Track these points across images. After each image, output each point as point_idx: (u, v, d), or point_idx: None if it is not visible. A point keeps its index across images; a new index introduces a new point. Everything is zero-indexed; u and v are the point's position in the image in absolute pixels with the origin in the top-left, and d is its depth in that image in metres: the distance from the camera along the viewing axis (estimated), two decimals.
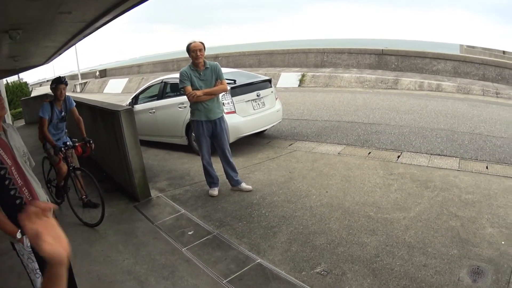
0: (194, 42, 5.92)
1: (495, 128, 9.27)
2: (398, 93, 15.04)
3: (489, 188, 5.77)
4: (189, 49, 5.92)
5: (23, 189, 2.95)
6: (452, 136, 8.61)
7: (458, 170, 6.57)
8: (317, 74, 18.52)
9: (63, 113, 5.98)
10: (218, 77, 5.98)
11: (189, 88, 5.90)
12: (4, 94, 20.13)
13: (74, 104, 6.16)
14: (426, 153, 7.53)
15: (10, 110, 21.94)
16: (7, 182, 2.84)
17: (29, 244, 2.89)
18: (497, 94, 14.19)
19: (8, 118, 19.45)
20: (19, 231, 2.76)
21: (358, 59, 19.35)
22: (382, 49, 19.18)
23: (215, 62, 6.08)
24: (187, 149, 9.11)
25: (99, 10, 7.43)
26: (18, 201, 2.91)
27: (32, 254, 2.94)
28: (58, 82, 5.80)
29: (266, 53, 23.34)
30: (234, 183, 6.39)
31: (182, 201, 6.26)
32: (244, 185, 6.37)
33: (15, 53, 12.13)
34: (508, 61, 16.41)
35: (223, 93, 6.72)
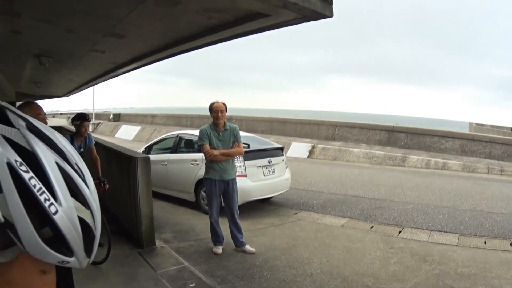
0: (217, 102, 6.13)
1: (496, 205, 9.43)
2: (405, 170, 15.24)
3: (485, 261, 5.88)
4: (211, 108, 6.14)
5: None
6: (454, 213, 8.70)
7: (456, 246, 6.64)
8: (327, 146, 18.75)
9: (81, 149, 6.10)
10: (236, 139, 6.17)
11: (207, 146, 6.06)
12: None
13: (94, 142, 6.32)
14: (427, 229, 7.59)
15: None
16: None
17: None
18: (501, 171, 14.52)
19: None
20: None
21: (368, 134, 19.55)
22: (393, 126, 19.54)
23: (235, 125, 6.30)
24: (194, 206, 9.10)
25: (130, 55, 7.88)
26: None
27: None
28: (83, 119, 5.92)
29: (279, 121, 23.66)
30: (239, 244, 6.39)
31: (186, 255, 6.23)
32: (248, 247, 6.36)
33: (39, 80, 12.53)
34: None
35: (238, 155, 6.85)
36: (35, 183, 0.65)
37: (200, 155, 7.89)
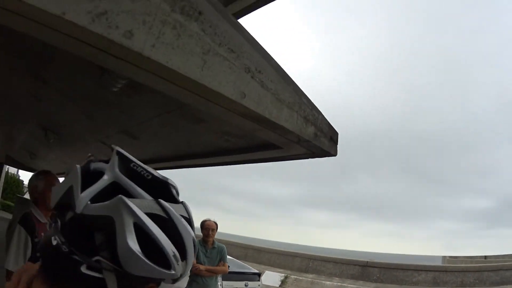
0: (209, 221, 6.39)
1: None
2: None
3: None
4: (202, 225, 6.43)
5: None
6: None
7: None
8: (300, 278, 19.31)
9: None
10: (222, 259, 6.42)
11: (193, 261, 6.06)
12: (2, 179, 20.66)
13: None
14: None
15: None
16: None
17: None
18: None
19: None
20: None
21: (342, 268, 20.62)
22: (367, 261, 20.54)
23: (223, 245, 6.56)
24: None
25: (139, 157, 7.96)
26: None
27: None
28: None
29: (254, 249, 24.62)
30: None
31: None
32: None
33: (36, 152, 12.46)
34: (487, 264, 18.10)
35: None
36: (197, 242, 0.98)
37: None
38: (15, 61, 5.12)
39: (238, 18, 4.52)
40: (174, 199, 0.88)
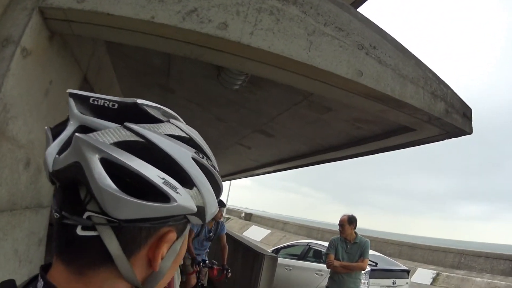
0: (345, 215, 6.24)
1: None
2: None
3: None
4: (340, 222, 6.30)
5: None
6: None
7: None
8: (451, 275, 18.32)
9: (211, 234, 6.59)
10: (362, 254, 6.14)
11: (331, 256, 6.16)
12: None
13: (225, 231, 6.81)
14: None
15: None
16: None
17: None
18: None
19: None
20: None
21: (493, 264, 18.93)
22: None
23: (367, 240, 6.28)
24: None
25: (275, 156, 8.27)
26: None
27: None
28: (220, 205, 6.43)
29: (408, 245, 24.09)
30: None
31: None
32: None
33: None
34: None
35: (363, 271, 6.77)
36: (209, 163, 0.78)
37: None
38: (144, 78, 5.75)
39: None
40: (154, 119, 0.74)
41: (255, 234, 31.31)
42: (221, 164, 7.17)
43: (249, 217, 41.26)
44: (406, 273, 9.45)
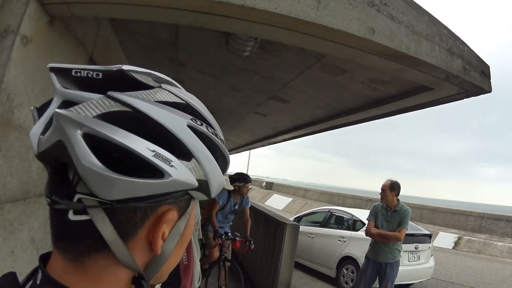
0: (388, 180, 6.08)
1: None
2: None
3: None
4: (382, 187, 6.14)
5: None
6: None
7: None
8: (473, 239, 18.45)
9: (236, 207, 6.67)
10: (400, 224, 5.97)
11: (371, 223, 6.14)
12: None
13: (250, 205, 6.94)
14: None
15: None
16: None
17: None
18: None
19: None
20: (159, 284, 3.13)
21: None
22: None
23: (407, 208, 6.07)
24: (333, 281, 9.46)
25: (292, 122, 8.24)
26: None
27: None
28: (246, 181, 6.61)
29: (429, 209, 24.21)
30: None
31: None
32: None
33: None
34: None
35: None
36: (211, 130, 0.71)
37: (349, 233, 9.31)
38: (153, 53, 5.73)
39: None
40: (143, 86, 0.67)
41: (277, 203, 31.78)
42: (238, 133, 7.25)
43: (270, 186, 41.62)
44: (428, 238, 9.41)
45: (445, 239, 18.96)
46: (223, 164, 0.75)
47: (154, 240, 0.68)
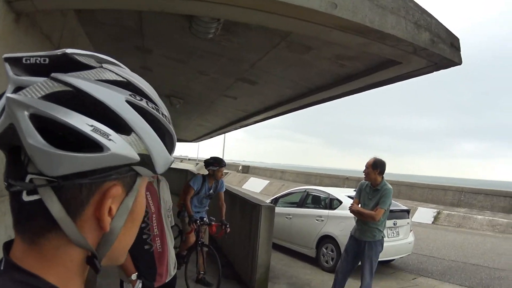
0: (372, 158, 6.06)
1: None
2: None
3: None
4: (365, 165, 6.09)
5: (156, 239, 3.40)
6: None
7: None
8: (452, 213, 18.92)
9: (211, 191, 6.70)
10: (378, 202, 5.90)
11: (355, 200, 6.20)
12: None
13: (224, 189, 6.96)
14: None
15: None
16: (143, 225, 3.28)
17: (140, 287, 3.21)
18: None
19: None
20: (136, 273, 3.15)
21: (493, 201, 19.82)
22: None
23: (388, 188, 5.96)
24: (313, 261, 9.58)
25: (262, 104, 8.25)
26: (146, 247, 3.34)
27: None
28: (221, 165, 6.62)
29: (406, 185, 24.46)
30: None
31: None
32: None
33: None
34: None
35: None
36: (152, 106, 0.72)
37: (326, 212, 9.38)
38: (120, 42, 5.66)
39: None
40: (85, 66, 0.69)
41: (254, 186, 32.00)
42: (211, 118, 7.26)
43: (247, 170, 41.82)
44: (406, 213, 9.51)
45: (424, 214, 19.27)
46: (170, 140, 0.77)
47: (101, 217, 0.69)
